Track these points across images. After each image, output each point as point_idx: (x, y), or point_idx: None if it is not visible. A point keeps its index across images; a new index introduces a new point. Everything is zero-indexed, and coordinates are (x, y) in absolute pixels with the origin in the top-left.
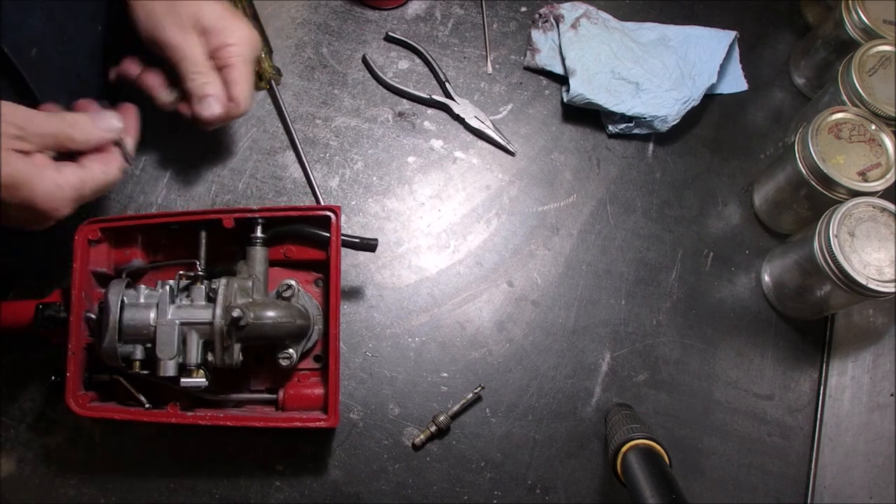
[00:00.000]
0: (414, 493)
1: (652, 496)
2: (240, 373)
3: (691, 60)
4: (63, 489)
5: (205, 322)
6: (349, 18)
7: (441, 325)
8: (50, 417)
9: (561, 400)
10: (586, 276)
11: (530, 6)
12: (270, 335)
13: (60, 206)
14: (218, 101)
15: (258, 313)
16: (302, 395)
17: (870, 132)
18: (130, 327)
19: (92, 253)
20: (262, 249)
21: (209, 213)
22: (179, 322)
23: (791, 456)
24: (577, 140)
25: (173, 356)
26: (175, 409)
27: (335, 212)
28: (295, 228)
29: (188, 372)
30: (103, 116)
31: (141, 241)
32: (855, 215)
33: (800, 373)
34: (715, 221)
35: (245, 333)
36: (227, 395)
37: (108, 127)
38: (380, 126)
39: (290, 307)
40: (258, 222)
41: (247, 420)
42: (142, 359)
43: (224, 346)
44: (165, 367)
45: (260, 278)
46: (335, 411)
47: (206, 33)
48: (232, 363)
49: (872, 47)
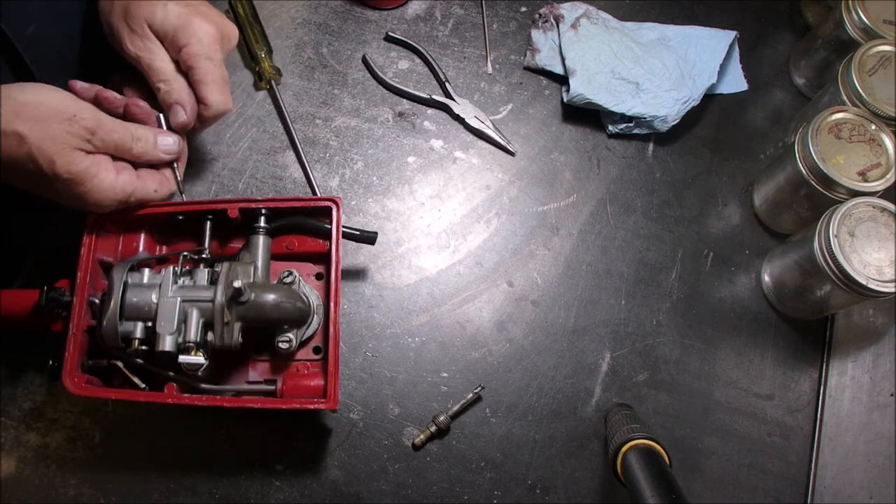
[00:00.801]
0: (414, 493)
1: (652, 496)
2: (238, 364)
3: (691, 60)
4: (63, 489)
5: (206, 300)
6: (349, 18)
7: (441, 325)
8: (50, 417)
9: (561, 400)
10: (586, 276)
11: (530, 6)
12: (271, 316)
13: (107, 205)
14: (183, 107)
15: (259, 293)
16: (301, 385)
17: (870, 132)
18: (132, 305)
19: (99, 242)
20: (265, 238)
21: (215, 202)
22: (181, 299)
23: (791, 456)
24: (577, 140)
25: (172, 331)
26: (172, 390)
27: (336, 203)
28: (297, 219)
29: (187, 349)
30: (165, 138)
31: (147, 233)
32: (855, 215)
33: (800, 373)
34: (715, 221)
35: (245, 313)
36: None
37: (167, 150)
38: (380, 126)
39: (290, 290)
40: (262, 212)
41: (244, 402)
42: (141, 337)
43: (224, 323)
44: (164, 341)
45: (262, 265)
46: (335, 394)
47: (166, 37)
48: (231, 343)
49: (872, 47)
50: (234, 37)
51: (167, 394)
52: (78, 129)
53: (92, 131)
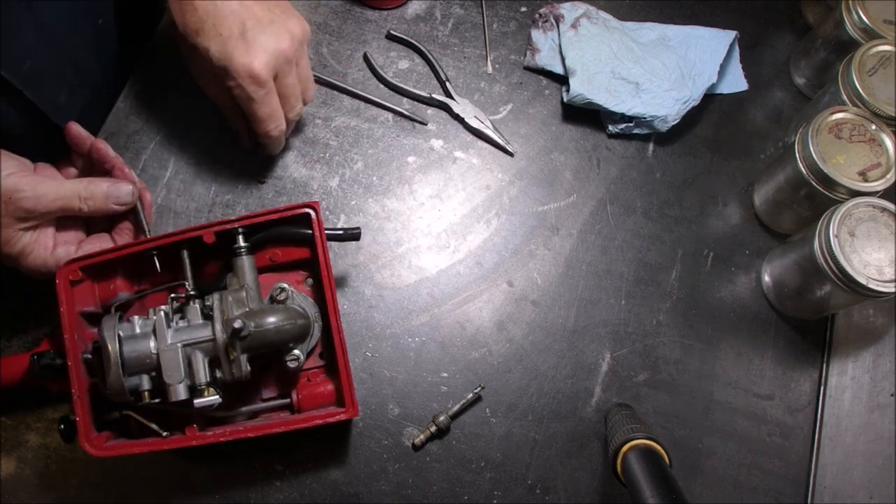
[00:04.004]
0: (414, 493)
1: (652, 496)
2: (249, 385)
3: (691, 60)
4: (63, 489)
5: (206, 340)
6: (349, 18)
7: (441, 325)
8: (50, 417)
9: (561, 400)
10: (586, 276)
11: (530, 6)
12: (274, 340)
13: (42, 276)
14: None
15: (258, 321)
16: (315, 393)
17: (870, 132)
18: (132, 359)
19: (76, 293)
20: (249, 258)
21: (187, 231)
22: (181, 344)
23: (791, 456)
24: (577, 140)
25: (181, 380)
26: (193, 432)
27: (314, 207)
28: (277, 231)
29: (199, 392)
30: (118, 188)
31: (123, 272)
32: (855, 215)
33: (800, 373)
34: (715, 221)
35: (249, 343)
36: (240, 409)
37: (120, 201)
38: (380, 126)
39: (288, 309)
40: (239, 232)
41: (267, 428)
42: (150, 388)
43: (230, 360)
44: (176, 391)
45: (252, 287)
46: (353, 402)
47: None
48: (241, 375)
49: (872, 47)
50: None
51: (190, 437)
52: (14, 210)
53: (30, 210)
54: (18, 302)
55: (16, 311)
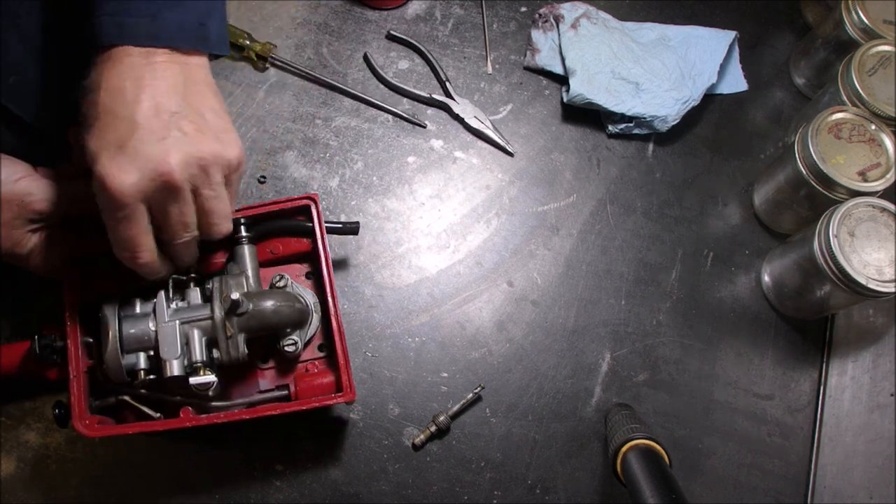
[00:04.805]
0: (414, 493)
1: (652, 496)
2: (246, 377)
3: (691, 60)
4: (63, 489)
5: (205, 318)
6: (349, 18)
7: (441, 325)
8: (50, 417)
9: (561, 400)
10: (586, 276)
11: (530, 6)
12: (272, 322)
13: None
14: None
15: (256, 302)
16: (314, 384)
17: (870, 132)
18: (131, 336)
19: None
20: (250, 247)
21: None
22: (180, 321)
23: (791, 456)
24: (577, 140)
25: (178, 355)
26: (188, 413)
27: (314, 200)
28: (278, 223)
29: (195, 370)
30: None
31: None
32: (855, 215)
33: (800, 373)
34: (715, 221)
35: (246, 323)
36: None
37: None
38: (380, 126)
39: (286, 293)
40: (241, 223)
41: (261, 411)
42: (146, 367)
43: (228, 337)
44: (171, 366)
45: (252, 274)
46: (351, 385)
47: None
48: (238, 356)
49: (872, 47)
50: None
51: (184, 418)
52: (26, 213)
53: (41, 212)
54: (19, 301)
55: (16, 310)
